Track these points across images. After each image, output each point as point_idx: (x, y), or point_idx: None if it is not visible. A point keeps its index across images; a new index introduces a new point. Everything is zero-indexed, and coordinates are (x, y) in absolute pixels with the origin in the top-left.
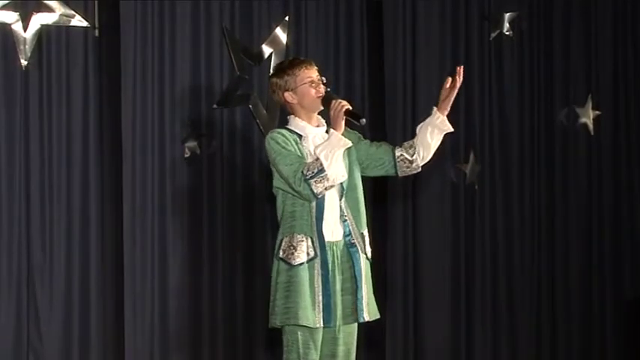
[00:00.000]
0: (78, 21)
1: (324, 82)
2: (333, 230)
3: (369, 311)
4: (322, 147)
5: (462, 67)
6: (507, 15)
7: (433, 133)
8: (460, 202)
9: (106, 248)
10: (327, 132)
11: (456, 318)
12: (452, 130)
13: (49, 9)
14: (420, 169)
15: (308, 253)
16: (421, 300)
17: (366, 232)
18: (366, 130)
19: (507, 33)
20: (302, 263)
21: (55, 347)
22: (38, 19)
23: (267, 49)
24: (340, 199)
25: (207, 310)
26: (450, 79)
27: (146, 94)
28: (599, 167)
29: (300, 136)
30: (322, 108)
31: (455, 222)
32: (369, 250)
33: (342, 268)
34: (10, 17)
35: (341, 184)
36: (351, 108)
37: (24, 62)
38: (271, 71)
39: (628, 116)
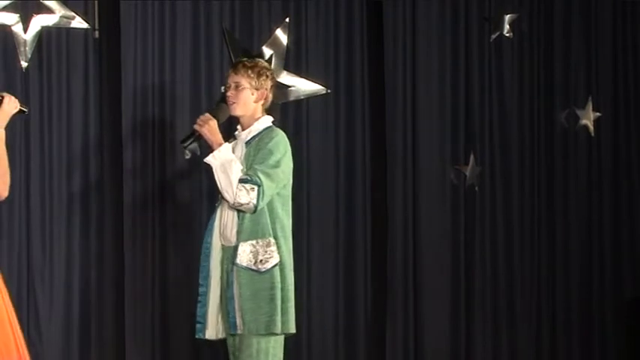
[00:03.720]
0: (78, 23)
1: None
2: (230, 237)
3: (245, 324)
4: None
5: None
6: (507, 16)
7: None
8: (460, 204)
9: (106, 248)
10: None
11: (456, 318)
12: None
13: (50, 11)
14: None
15: None
16: (421, 300)
17: (247, 244)
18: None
19: (507, 34)
20: None
21: (55, 347)
22: (38, 21)
23: (267, 51)
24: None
25: None
26: None
27: (146, 95)
28: (599, 168)
29: None
30: (236, 114)
31: (455, 223)
32: (242, 260)
33: (226, 277)
34: (11, 19)
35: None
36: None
37: (24, 64)
38: None
39: (628, 118)
